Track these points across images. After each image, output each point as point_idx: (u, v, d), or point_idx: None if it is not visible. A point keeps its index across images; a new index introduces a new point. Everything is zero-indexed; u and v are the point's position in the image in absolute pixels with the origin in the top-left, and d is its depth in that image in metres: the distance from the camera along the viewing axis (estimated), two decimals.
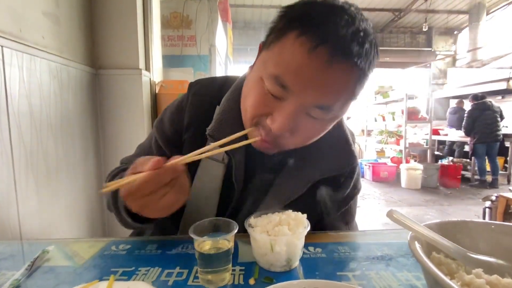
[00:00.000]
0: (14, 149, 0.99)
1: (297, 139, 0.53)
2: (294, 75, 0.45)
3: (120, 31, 1.58)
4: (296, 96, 0.47)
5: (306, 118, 0.50)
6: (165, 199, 0.45)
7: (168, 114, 0.68)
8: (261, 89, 0.50)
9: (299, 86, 0.46)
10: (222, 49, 2.80)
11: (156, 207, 0.46)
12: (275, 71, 0.47)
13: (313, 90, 0.46)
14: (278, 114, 0.49)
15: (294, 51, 0.45)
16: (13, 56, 1.00)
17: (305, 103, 0.48)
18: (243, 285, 0.47)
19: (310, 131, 0.53)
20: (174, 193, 0.46)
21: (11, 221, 0.99)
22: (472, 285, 0.34)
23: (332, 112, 0.50)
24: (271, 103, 0.50)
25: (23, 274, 0.50)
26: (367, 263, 0.55)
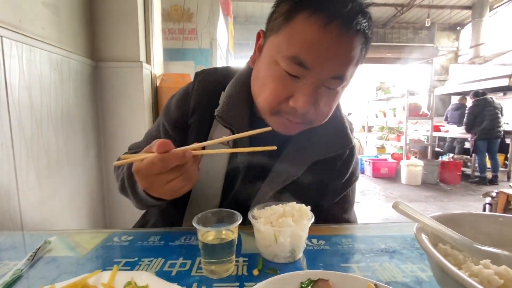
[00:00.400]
0: (14, 140, 0.99)
1: (319, 112, 0.57)
2: (310, 52, 0.49)
3: (120, 24, 1.56)
4: (314, 72, 0.51)
5: (324, 90, 0.54)
6: (171, 184, 0.46)
7: (174, 100, 0.71)
8: (278, 73, 0.53)
9: (317, 61, 0.50)
10: (223, 43, 2.77)
11: (161, 189, 0.48)
12: (292, 51, 0.50)
13: (329, 62, 0.50)
14: (299, 93, 0.52)
15: (308, 30, 0.49)
16: (13, 46, 0.98)
17: (322, 77, 0.52)
18: (246, 276, 0.47)
19: (329, 101, 0.57)
20: (181, 180, 0.47)
21: (12, 213, 0.98)
22: (480, 276, 0.34)
23: (345, 80, 0.54)
24: (290, 84, 0.53)
25: (25, 264, 0.50)
26: (371, 255, 0.54)
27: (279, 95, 0.54)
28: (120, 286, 0.41)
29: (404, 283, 0.46)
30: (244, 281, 0.45)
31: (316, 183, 0.67)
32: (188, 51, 2.28)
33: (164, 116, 0.70)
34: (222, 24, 2.62)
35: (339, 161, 0.69)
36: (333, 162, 0.67)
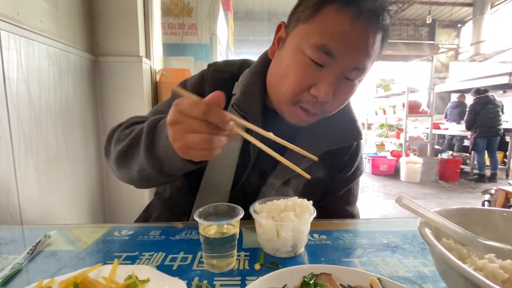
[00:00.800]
0: (13, 135, 0.98)
1: (336, 103, 0.59)
2: (339, 41, 0.51)
3: (120, 18, 1.54)
4: (339, 61, 0.53)
5: (343, 81, 0.56)
6: (199, 137, 0.41)
7: (190, 84, 0.71)
8: (303, 61, 0.54)
9: (344, 51, 0.52)
10: (223, 38, 2.75)
11: (186, 139, 0.42)
12: (320, 40, 0.52)
13: (354, 53, 0.53)
14: (322, 82, 0.54)
15: (338, 21, 0.51)
16: (11, 39, 0.97)
17: (346, 67, 0.54)
18: (248, 270, 0.47)
19: (347, 93, 0.58)
20: (208, 140, 0.41)
21: (11, 208, 0.98)
22: (485, 270, 0.33)
23: (364, 73, 0.57)
24: (314, 73, 0.54)
25: (25, 258, 0.50)
26: (373, 250, 0.54)
27: (303, 83, 0.55)
28: (121, 279, 0.41)
29: (407, 277, 0.45)
30: (245, 275, 0.45)
31: (323, 175, 0.68)
32: (188, 46, 2.26)
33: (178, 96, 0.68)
34: (222, 19, 2.60)
35: (347, 154, 0.71)
36: (341, 155, 0.70)
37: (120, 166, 0.59)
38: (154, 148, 0.51)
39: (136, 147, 0.55)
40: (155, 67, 1.77)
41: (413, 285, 0.43)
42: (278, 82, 0.59)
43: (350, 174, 0.73)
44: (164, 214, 0.75)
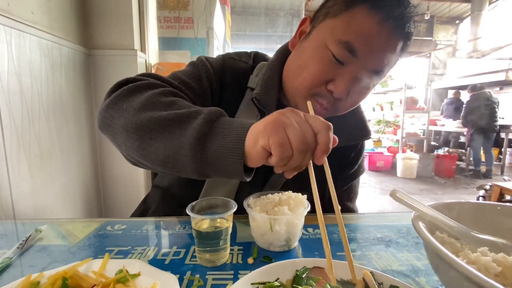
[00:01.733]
0: (4, 128, 0.96)
1: (349, 102, 0.59)
2: (363, 41, 0.52)
3: (114, 10, 1.51)
4: (360, 61, 0.54)
5: (360, 83, 0.57)
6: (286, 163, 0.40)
7: (214, 64, 0.66)
8: (325, 56, 0.55)
9: (366, 51, 0.53)
10: (220, 32, 2.71)
11: (261, 153, 0.39)
12: (346, 37, 0.53)
13: (376, 56, 0.54)
14: (341, 79, 0.55)
15: (366, 21, 0.52)
16: (1, 31, 0.95)
17: (365, 68, 0.54)
18: (241, 265, 0.46)
19: (361, 94, 0.59)
20: (294, 162, 0.40)
21: (3, 203, 0.97)
22: (478, 263, 0.33)
23: (381, 78, 0.58)
24: (334, 69, 0.55)
25: (15, 252, 0.49)
26: (367, 244, 0.54)
27: (321, 77, 0.56)
28: (112, 274, 0.40)
29: (400, 271, 0.45)
30: (238, 269, 0.45)
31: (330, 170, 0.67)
32: (184, 40, 2.23)
33: (209, 74, 0.64)
34: (219, 13, 2.56)
35: (353, 151, 0.73)
36: (348, 152, 0.72)
37: (142, 136, 0.44)
38: (206, 143, 0.41)
39: (180, 126, 0.43)
40: (151, 61, 1.74)
41: (406, 278, 0.43)
42: (297, 73, 0.59)
43: (353, 171, 0.75)
44: (162, 207, 0.74)
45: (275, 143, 0.38)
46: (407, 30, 0.54)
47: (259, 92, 0.63)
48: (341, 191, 0.76)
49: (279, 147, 0.38)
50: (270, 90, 0.63)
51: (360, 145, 0.75)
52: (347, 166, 0.74)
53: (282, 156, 0.38)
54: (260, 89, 0.63)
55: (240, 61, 0.70)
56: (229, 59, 0.69)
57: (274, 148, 0.38)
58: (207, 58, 0.69)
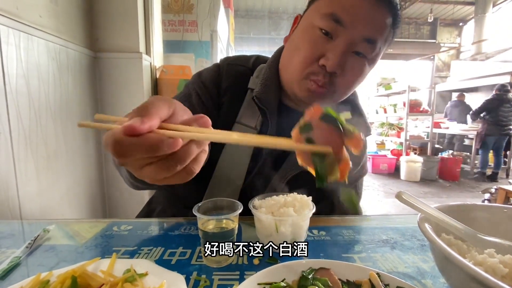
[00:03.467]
0: (12, 130, 0.98)
1: (345, 79, 0.59)
2: (348, 9, 0.53)
3: (120, 13, 1.53)
4: (348, 30, 0.54)
5: (353, 56, 0.57)
6: (146, 171, 0.30)
7: (207, 75, 0.70)
8: (313, 34, 0.57)
9: (352, 19, 0.53)
10: (224, 35, 2.74)
11: (135, 172, 0.31)
12: (330, 9, 0.54)
13: (363, 23, 0.54)
14: (331, 52, 0.55)
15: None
16: (10, 34, 0.96)
17: (355, 37, 0.55)
18: (247, 265, 0.47)
19: (356, 69, 0.59)
20: (158, 169, 0.30)
21: (10, 203, 0.98)
22: (485, 265, 0.33)
23: (375, 49, 0.57)
24: (324, 44, 0.56)
25: (24, 252, 0.50)
26: (372, 246, 0.54)
27: (312, 54, 0.56)
28: (119, 273, 0.41)
29: (406, 273, 0.45)
30: (244, 270, 0.45)
31: None
32: (188, 43, 2.25)
33: (200, 89, 0.68)
34: (223, 16, 2.58)
35: None
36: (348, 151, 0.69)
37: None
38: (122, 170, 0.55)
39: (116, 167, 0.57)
40: (155, 63, 1.76)
41: (412, 280, 0.43)
42: (290, 59, 0.61)
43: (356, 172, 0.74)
44: (167, 208, 0.74)
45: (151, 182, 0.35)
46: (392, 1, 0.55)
47: (259, 91, 0.64)
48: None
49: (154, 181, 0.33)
50: (270, 89, 0.65)
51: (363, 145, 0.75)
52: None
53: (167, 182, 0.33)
54: (260, 87, 0.65)
55: (238, 65, 0.71)
56: (226, 65, 0.70)
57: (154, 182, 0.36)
58: (200, 73, 0.72)
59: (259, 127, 0.66)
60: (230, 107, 0.67)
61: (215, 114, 0.67)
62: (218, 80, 0.69)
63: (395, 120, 6.21)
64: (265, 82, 0.65)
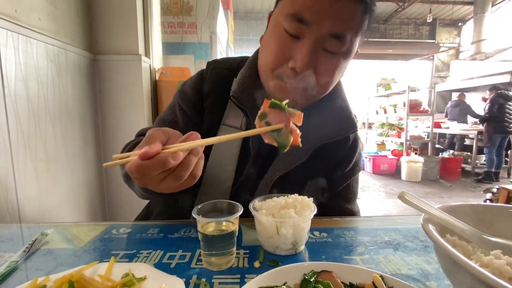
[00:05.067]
0: (11, 133, 0.97)
1: (320, 78, 0.57)
2: (310, 6, 0.51)
3: (119, 16, 1.53)
4: (313, 29, 0.52)
5: (323, 54, 0.55)
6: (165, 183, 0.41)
7: (189, 83, 0.72)
8: (280, 34, 0.55)
9: (316, 16, 0.51)
10: (223, 37, 2.74)
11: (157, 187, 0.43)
12: (292, 9, 0.53)
13: (328, 18, 0.51)
14: (298, 53, 0.53)
15: None
16: (9, 37, 0.96)
17: (321, 34, 0.53)
18: (247, 268, 0.46)
19: (330, 67, 0.56)
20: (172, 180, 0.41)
21: (9, 206, 0.97)
22: (491, 266, 0.32)
23: (345, 43, 0.54)
24: (290, 46, 0.54)
25: (21, 256, 0.49)
26: (375, 247, 0.53)
27: (280, 56, 0.55)
28: (118, 277, 0.40)
29: (410, 275, 0.44)
30: (245, 273, 0.44)
31: (320, 169, 0.68)
32: (187, 45, 2.25)
33: (181, 98, 0.71)
34: (222, 18, 2.58)
35: (343, 148, 0.69)
36: (336, 149, 0.68)
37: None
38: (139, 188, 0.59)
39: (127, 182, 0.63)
40: (155, 65, 1.76)
41: (416, 283, 0.42)
42: (262, 60, 0.61)
43: (348, 170, 0.72)
44: (165, 211, 0.74)
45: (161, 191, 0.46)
46: None
47: (235, 90, 0.64)
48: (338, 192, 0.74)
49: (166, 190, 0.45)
50: (248, 87, 0.64)
51: (352, 142, 0.71)
52: (338, 164, 0.71)
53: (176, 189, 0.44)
54: (237, 87, 0.64)
55: (222, 68, 0.71)
56: (210, 70, 0.71)
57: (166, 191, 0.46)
58: (185, 82, 0.74)
59: (244, 127, 0.66)
60: (213, 110, 0.68)
61: (199, 119, 0.69)
62: (200, 85, 0.70)
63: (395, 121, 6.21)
64: (242, 81, 0.65)
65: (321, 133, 0.65)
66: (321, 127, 0.65)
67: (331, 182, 0.71)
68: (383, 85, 6.27)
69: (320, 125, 0.65)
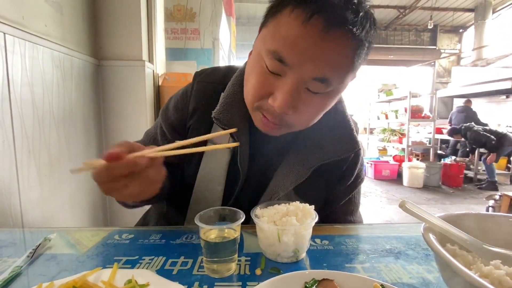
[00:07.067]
0: (16, 137, 0.98)
1: (301, 117, 0.53)
2: (290, 48, 0.45)
3: (123, 22, 1.56)
4: (294, 70, 0.47)
5: (306, 93, 0.50)
6: (128, 189, 0.43)
7: (173, 102, 0.69)
8: (261, 68, 0.50)
9: (296, 58, 0.46)
10: (226, 43, 2.77)
11: (119, 195, 0.44)
12: (273, 46, 0.47)
13: (311, 61, 0.46)
14: (278, 92, 0.49)
15: (290, 24, 0.45)
16: (16, 43, 0.98)
17: (303, 77, 0.47)
18: (249, 276, 0.46)
19: (313, 107, 0.52)
20: (137, 185, 0.43)
21: (13, 210, 0.98)
22: (491, 277, 0.33)
23: (331, 85, 0.49)
24: (271, 82, 0.50)
25: (25, 261, 0.49)
26: (376, 255, 0.53)
27: (259, 91, 0.51)
28: (121, 284, 0.40)
29: (411, 284, 0.44)
30: (246, 280, 0.44)
31: (320, 187, 0.65)
32: (190, 51, 2.27)
33: (162, 117, 0.70)
34: (225, 24, 2.62)
35: (345, 165, 0.66)
36: (338, 166, 0.65)
37: None
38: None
39: None
40: (158, 71, 1.78)
41: None
42: (245, 86, 0.57)
43: (350, 183, 0.69)
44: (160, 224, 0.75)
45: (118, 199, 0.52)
46: (346, 23, 0.44)
47: (217, 111, 0.60)
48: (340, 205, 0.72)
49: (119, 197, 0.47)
50: (232, 107, 0.60)
51: (353, 158, 0.67)
52: (340, 179, 0.68)
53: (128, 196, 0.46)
54: (219, 107, 0.60)
55: (207, 82, 0.66)
56: (196, 84, 0.67)
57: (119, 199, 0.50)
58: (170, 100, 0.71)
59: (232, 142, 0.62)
60: (199, 128, 0.64)
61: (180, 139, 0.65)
62: (184, 104, 0.66)
63: (396, 126, 6.21)
64: (225, 101, 0.60)
65: (320, 152, 0.62)
66: (321, 146, 0.62)
67: (333, 197, 0.69)
68: (385, 91, 6.28)
69: (319, 144, 0.62)
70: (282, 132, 0.57)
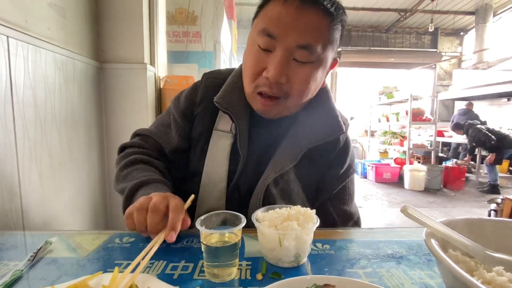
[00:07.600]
0: (18, 140, 0.99)
1: (294, 86, 0.62)
2: (275, 23, 0.58)
3: (125, 25, 1.57)
4: (280, 41, 0.58)
5: (295, 63, 0.60)
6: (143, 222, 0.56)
7: (184, 93, 0.80)
8: (255, 49, 0.62)
9: (281, 29, 0.58)
10: (227, 46, 2.78)
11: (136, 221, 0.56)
12: (263, 25, 0.60)
13: (292, 31, 0.57)
14: (271, 64, 0.60)
15: (273, 6, 0.59)
16: (19, 46, 0.99)
17: (289, 46, 0.58)
18: (250, 280, 0.46)
19: (302, 75, 0.61)
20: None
21: (14, 213, 0.98)
22: (494, 283, 0.32)
23: (315, 54, 0.60)
24: (264, 58, 0.61)
25: (26, 265, 0.49)
26: (378, 260, 0.53)
27: (255, 69, 0.62)
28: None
29: None
30: (247, 285, 0.44)
31: (313, 170, 0.72)
32: (192, 53, 2.28)
33: (174, 106, 0.79)
34: (226, 27, 2.63)
35: (333, 151, 0.73)
36: (326, 151, 0.72)
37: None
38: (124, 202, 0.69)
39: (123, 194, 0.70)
40: (159, 74, 1.79)
41: None
42: (243, 73, 0.67)
43: (342, 172, 0.75)
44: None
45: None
46: (318, 2, 0.57)
47: (219, 96, 0.69)
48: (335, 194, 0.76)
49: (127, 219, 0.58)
50: (231, 93, 0.69)
51: (343, 144, 0.74)
52: (330, 166, 0.74)
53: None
54: (220, 93, 0.70)
55: (214, 78, 0.77)
56: (204, 80, 0.78)
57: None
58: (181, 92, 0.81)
59: (234, 131, 0.71)
60: (205, 116, 0.75)
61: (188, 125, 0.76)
62: (193, 95, 0.77)
63: (397, 129, 6.20)
64: (225, 88, 0.70)
65: (309, 136, 0.69)
66: (309, 131, 0.70)
67: (326, 184, 0.75)
68: (386, 93, 6.28)
69: (309, 129, 0.70)
70: (280, 110, 0.66)
